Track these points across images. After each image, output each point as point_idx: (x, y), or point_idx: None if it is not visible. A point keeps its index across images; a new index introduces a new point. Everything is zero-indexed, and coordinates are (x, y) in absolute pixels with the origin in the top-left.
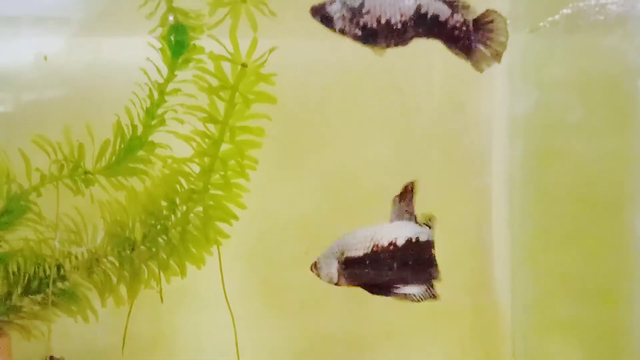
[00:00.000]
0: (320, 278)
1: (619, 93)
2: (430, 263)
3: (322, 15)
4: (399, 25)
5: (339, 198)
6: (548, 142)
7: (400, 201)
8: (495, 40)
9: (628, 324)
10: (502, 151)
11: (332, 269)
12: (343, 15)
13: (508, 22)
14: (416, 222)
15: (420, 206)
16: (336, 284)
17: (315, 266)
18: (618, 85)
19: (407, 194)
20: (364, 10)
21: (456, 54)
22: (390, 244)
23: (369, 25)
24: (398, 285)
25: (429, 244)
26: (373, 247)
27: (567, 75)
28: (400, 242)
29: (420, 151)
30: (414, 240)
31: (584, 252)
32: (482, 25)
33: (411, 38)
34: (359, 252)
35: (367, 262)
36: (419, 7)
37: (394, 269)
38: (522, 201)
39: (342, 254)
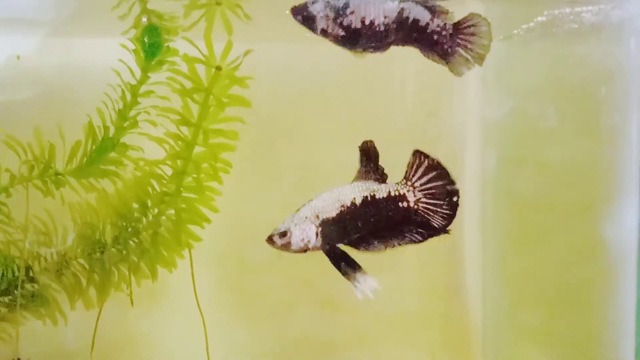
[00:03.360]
0: (290, 247)
1: (592, 100)
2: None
3: (304, 15)
4: (382, 27)
5: None
6: (520, 148)
7: (360, 162)
8: (477, 44)
9: (598, 329)
10: (475, 158)
11: (311, 232)
12: (326, 14)
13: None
14: (381, 180)
15: None
16: (306, 250)
17: (281, 236)
18: (591, 93)
19: (362, 154)
20: (348, 11)
21: (434, 59)
22: (352, 203)
23: (352, 26)
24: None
25: (390, 200)
26: (341, 207)
27: (541, 82)
28: (358, 201)
29: (394, 157)
30: (369, 198)
31: (555, 258)
32: (463, 29)
33: (390, 44)
34: (333, 213)
35: (341, 221)
36: (401, 11)
37: (359, 226)
38: (494, 207)
39: (317, 217)
